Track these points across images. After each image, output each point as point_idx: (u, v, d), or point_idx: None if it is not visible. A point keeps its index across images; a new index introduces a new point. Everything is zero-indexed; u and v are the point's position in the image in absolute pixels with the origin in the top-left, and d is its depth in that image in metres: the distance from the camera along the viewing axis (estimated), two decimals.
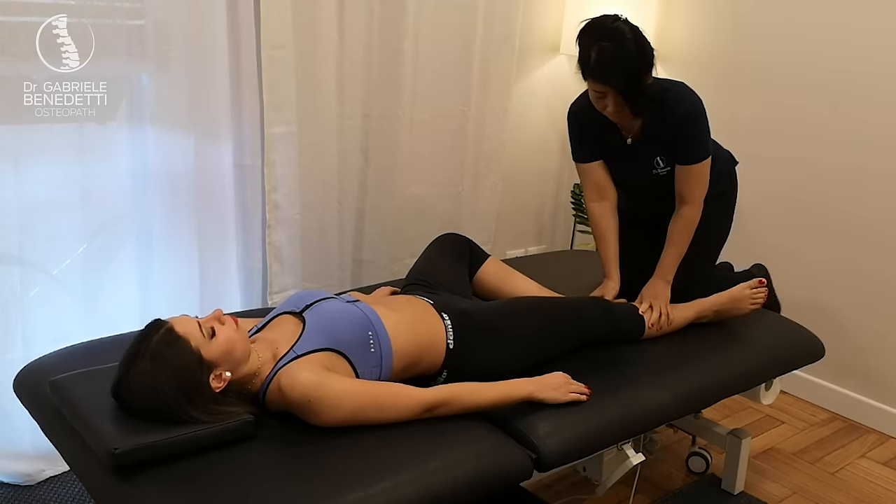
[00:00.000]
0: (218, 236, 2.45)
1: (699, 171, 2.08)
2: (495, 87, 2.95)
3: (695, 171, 2.08)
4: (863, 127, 2.68)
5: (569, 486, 2.31)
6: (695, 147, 2.07)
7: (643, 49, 1.96)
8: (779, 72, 2.87)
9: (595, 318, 2.00)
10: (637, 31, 1.97)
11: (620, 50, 1.93)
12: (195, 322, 1.51)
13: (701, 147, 2.07)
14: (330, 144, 2.58)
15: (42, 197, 2.11)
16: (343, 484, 1.39)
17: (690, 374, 1.97)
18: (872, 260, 2.71)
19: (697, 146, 2.07)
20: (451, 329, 1.79)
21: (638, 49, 1.95)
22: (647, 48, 1.97)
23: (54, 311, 2.19)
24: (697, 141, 2.06)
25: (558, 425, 1.68)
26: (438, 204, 2.94)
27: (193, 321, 1.52)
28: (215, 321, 1.54)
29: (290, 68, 2.38)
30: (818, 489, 2.41)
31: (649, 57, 1.97)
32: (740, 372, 2.06)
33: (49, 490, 2.19)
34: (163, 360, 1.44)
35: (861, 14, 2.64)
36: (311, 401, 1.49)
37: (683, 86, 2.08)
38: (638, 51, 1.94)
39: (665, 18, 3.17)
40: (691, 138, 2.05)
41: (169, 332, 1.47)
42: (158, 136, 2.26)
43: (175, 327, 1.48)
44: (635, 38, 1.95)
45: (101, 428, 1.43)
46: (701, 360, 2.03)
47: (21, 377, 1.78)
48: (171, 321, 1.50)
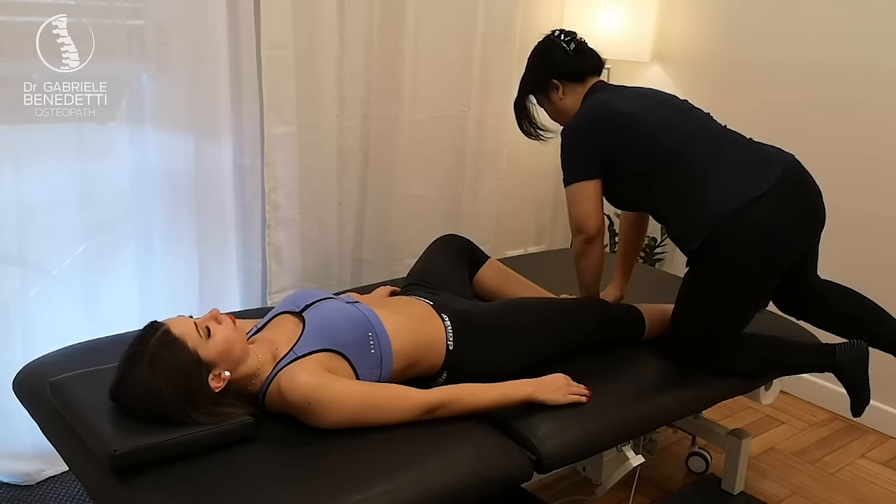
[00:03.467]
0: (217, 236, 2.45)
1: (568, 195, 1.97)
2: (495, 87, 2.95)
3: (567, 194, 1.97)
4: (864, 126, 2.68)
5: (569, 486, 2.31)
6: (562, 167, 1.98)
7: (527, 68, 2.10)
8: (778, 71, 2.87)
9: (595, 319, 2.00)
10: (533, 52, 2.09)
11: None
12: (192, 322, 1.51)
13: (564, 170, 1.96)
14: (330, 144, 2.58)
15: (42, 197, 2.11)
16: (343, 485, 1.39)
17: (690, 374, 1.96)
18: (873, 259, 2.71)
19: (563, 167, 1.97)
20: (450, 330, 1.79)
21: (527, 67, 2.11)
22: (533, 66, 2.08)
23: (54, 311, 2.19)
24: (562, 162, 1.97)
25: (558, 427, 1.68)
26: (438, 204, 2.94)
27: (190, 322, 1.51)
28: (212, 320, 1.54)
29: (290, 68, 2.38)
30: (818, 489, 2.41)
31: (533, 76, 2.08)
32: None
33: (49, 490, 2.19)
34: (160, 363, 1.44)
35: (861, 13, 2.64)
36: (311, 403, 1.49)
37: (588, 106, 1.99)
38: (526, 69, 2.11)
39: (665, 18, 3.17)
40: (561, 157, 1.98)
41: (166, 334, 1.47)
42: (158, 136, 2.26)
43: (172, 329, 1.48)
44: (529, 57, 2.10)
45: (101, 429, 1.43)
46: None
47: (21, 377, 1.78)
48: (168, 322, 1.50)
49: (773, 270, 1.87)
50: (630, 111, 1.91)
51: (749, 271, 1.83)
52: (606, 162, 1.92)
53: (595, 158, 1.92)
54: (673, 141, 1.88)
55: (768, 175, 1.81)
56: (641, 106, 1.93)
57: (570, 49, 2.03)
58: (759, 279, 1.86)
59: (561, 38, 2.04)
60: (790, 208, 1.82)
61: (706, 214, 1.80)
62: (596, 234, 1.95)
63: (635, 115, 1.90)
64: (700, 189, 1.82)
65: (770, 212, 1.78)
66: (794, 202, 1.83)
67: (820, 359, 1.96)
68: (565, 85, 2.04)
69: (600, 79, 2.07)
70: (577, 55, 2.03)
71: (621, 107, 1.93)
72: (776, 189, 1.79)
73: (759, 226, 1.78)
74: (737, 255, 1.80)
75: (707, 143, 1.89)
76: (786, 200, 1.81)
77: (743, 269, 1.82)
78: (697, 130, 1.91)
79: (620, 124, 1.90)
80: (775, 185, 1.79)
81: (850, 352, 1.92)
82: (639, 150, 1.89)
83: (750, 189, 1.79)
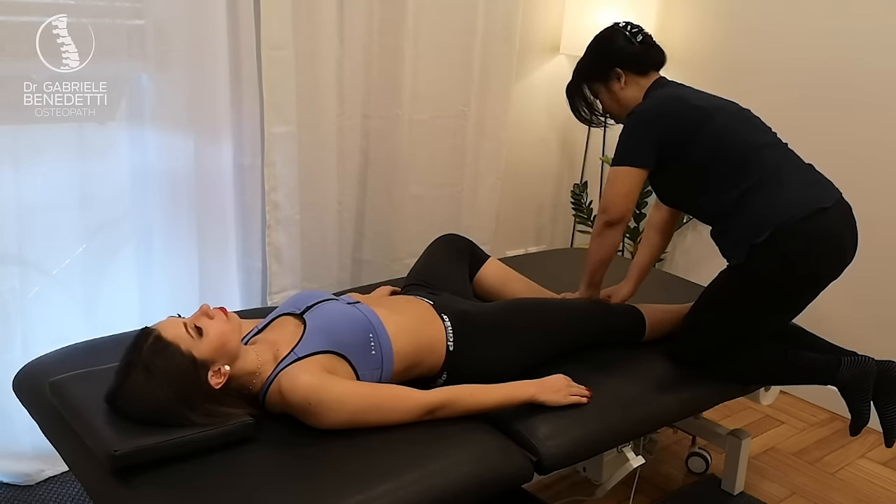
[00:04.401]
0: (218, 236, 2.45)
1: (611, 175, 1.97)
2: (495, 87, 2.95)
3: (609, 173, 1.98)
4: (864, 127, 2.68)
5: (569, 487, 2.31)
6: (617, 148, 1.97)
7: (587, 55, 2.08)
8: (779, 71, 2.87)
9: (595, 320, 2.00)
10: (595, 40, 2.08)
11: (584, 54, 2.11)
12: (181, 324, 1.50)
13: (618, 151, 1.96)
14: (330, 144, 2.58)
15: (42, 197, 2.11)
16: (344, 486, 1.39)
17: (691, 375, 1.96)
18: (874, 260, 2.71)
19: (617, 148, 1.96)
20: (451, 330, 1.79)
21: (587, 54, 2.09)
22: (594, 54, 2.06)
23: (54, 311, 2.19)
24: (619, 143, 1.96)
25: (559, 428, 1.68)
26: (438, 204, 2.94)
27: (179, 323, 1.50)
28: (203, 317, 1.52)
29: (290, 68, 2.38)
30: (818, 489, 2.41)
31: (593, 64, 2.06)
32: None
33: (48, 490, 2.19)
34: (156, 370, 1.43)
35: (862, 12, 2.64)
36: (312, 403, 1.49)
37: (661, 97, 1.98)
38: (586, 56, 2.09)
39: (665, 18, 3.17)
40: (619, 138, 1.97)
41: (157, 341, 1.46)
42: (158, 135, 2.26)
43: (163, 334, 1.47)
44: (591, 44, 2.09)
45: (101, 429, 1.43)
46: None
47: (21, 377, 1.78)
48: (158, 327, 1.49)
49: (823, 280, 1.90)
50: (704, 106, 1.93)
51: (804, 275, 1.86)
52: (670, 151, 1.92)
53: (654, 148, 1.92)
54: (744, 141, 1.91)
55: (830, 193, 1.89)
56: (714, 104, 1.96)
57: (637, 41, 2.02)
58: (811, 285, 1.89)
59: (627, 28, 2.03)
60: (846, 228, 1.89)
61: (775, 212, 1.82)
62: (619, 219, 1.96)
63: (708, 110, 1.93)
64: (769, 190, 1.85)
65: (835, 225, 1.85)
66: (848, 224, 1.90)
67: (823, 374, 1.93)
68: (628, 76, 2.01)
69: (662, 75, 2.07)
70: (643, 47, 2.02)
71: (695, 101, 1.95)
72: (838, 206, 1.87)
73: (826, 234, 1.83)
74: (798, 255, 1.82)
75: (776, 150, 1.94)
76: (844, 219, 1.89)
77: (800, 272, 1.84)
78: (766, 138, 1.96)
79: (694, 117, 1.91)
80: (837, 202, 1.87)
81: (854, 368, 1.89)
82: (709, 144, 1.90)
83: (820, 199, 1.84)
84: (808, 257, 1.83)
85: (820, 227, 1.82)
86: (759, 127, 1.98)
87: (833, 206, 1.85)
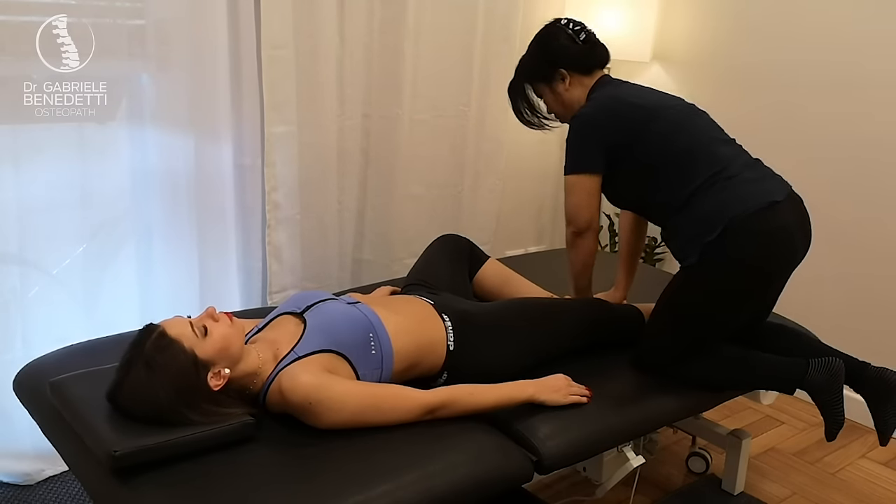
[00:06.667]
0: (218, 236, 2.45)
1: (566, 185, 1.95)
2: (495, 87, 2.95)
3: (565, 183, 1.96)
4: (865, 126, 2.67)
5: (569, 487, 2.31)
6: (566, 156, 1.95)
7: (530, 54, 2.05)
8: (779, 71, 2.87)
9: (595, 319, 2.00)
10: (538, 38, 2.05)
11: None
12: (187, 322, 1.50)
13: (568, 159, 1.94)
14: (330, 144, 2.58)
15: (42, 197, 2.11)
16: (344, 486, 1.39)
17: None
18: (874, 260, 2.71)
19: (567, 156, 1.94)
20: (451, 330, 1.79)
21: (529, 53, 2.06)
22: (537, 54, 2.03)
23: (54, 310, 2.19)
24: (567, 151, 1.94)
25: (559, 428, 1.68)
26: (438, 204, 2.94)
27: (185, 322, 1.50)
28: (209, 318, 1.53)
29: (290, 68, 2.38)
30: (818, 489, 2.41)
31: (536, 64, 2.03)
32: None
33: (49, 490, 2.19)
34: (157, 367, 1.43)
35: (862, 12, 2.64)
36: (312, 403, 1.49)
37: (602, 98, 1.95)
38: (528, 55, 2.06)
39: (665, 18, 3.17)
40: (566, 145, 1.95)
41: (161, 337, 1.46)
42: (158, 135, 2.26)
43: (167, 331, 1.47)
44: (533, 43, 2.05)
45: (102, 429, 1.43)
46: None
47: (21, 377, 1.78)
48: (163, 324, 1.49)
49: (776, 277, 1.87)
50: (647, 105, 1.90)
51: (756, 275, 1.82)
52: (617, 153, 1.89)
53: (602, 152, 1.90)
54: (690, 138, 1.88)
55: (781, 186, 1.86)
56: (658, 102, 1.93)
57: (580, 39, 1.98)
58: (765, 281, 1.86)
59: (569, 27, 2.00)
60: (798, 222, 1.86)
61: (726, 209, 1.78)
62: (585, 227, 1.94)
63: (652, 109, 1.90)
64: (719, 186, 1.81)
65: (787, 219, 1.81)
66: (799, 217, 1.87)
67: (790, 378, 1.83)
68: (573, 76, 1.99)
69: (606, 73, 2.04)
70: (587, 46, 1.99)
71: (638, 100, 1.92)
72: (790, 199, 1.84)
73: (776, 230, 1.79)
74: (749, 255, 1.78)
75: (725, 146, 1.90)
76: (796, 213, 1.85)
77: (753, 268, 1.80)
78: (713, 133, 1.92)
79: (638, 117, 1.88)
80: (788, 196, 1.84)
81: (823, 369, 1.79)
82: (655, 144, 1.87)
83: (772, 192, 1.81)
84: (758, 257, 1.79)
85: (771, 223, 1.78)
86: (706, 123, 1.95)
87: (785, 200, 1.81)
